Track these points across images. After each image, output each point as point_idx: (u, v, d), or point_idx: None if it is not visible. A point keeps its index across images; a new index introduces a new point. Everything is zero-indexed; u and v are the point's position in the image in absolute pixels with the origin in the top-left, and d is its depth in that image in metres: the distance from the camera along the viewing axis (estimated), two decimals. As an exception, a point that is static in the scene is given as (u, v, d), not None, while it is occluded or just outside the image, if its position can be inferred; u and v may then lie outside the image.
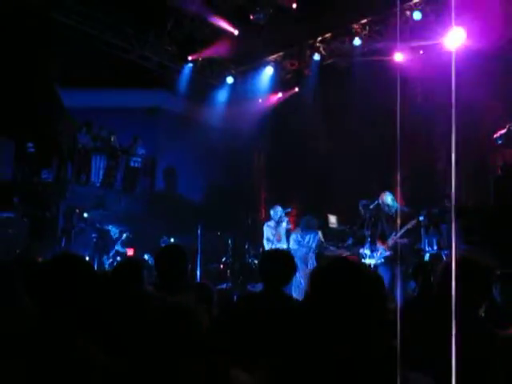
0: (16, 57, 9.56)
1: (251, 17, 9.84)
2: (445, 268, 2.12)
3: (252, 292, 7.31)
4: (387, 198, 6.96)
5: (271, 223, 8.72)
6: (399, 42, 10.02)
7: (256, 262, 9.32)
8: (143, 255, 9.51)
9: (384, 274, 6.42)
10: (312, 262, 8.26)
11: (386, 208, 6.82)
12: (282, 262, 3.38)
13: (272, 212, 8.82)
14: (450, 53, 9.09)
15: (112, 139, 12.01)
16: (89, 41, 10.33)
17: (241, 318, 2.96)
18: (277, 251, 4.17)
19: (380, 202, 6.99)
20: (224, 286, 9.33)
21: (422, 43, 9.86)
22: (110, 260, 9.83)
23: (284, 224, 8.62)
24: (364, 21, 10.30)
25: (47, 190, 10.60)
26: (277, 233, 8.60)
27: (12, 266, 2.57)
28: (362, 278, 1.43)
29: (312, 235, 8.47)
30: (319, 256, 8.37)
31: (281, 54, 11.75)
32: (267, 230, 8.72)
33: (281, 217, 8.65)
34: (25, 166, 10.69)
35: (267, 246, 8.59)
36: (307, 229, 8.57)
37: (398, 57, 10.18)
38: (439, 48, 9.48)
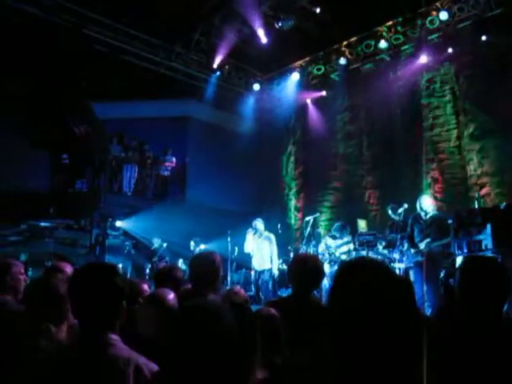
0: (50, 72, 9.88)
1: (276, 25, 9.91)
2: (462, 271, 2.12)
3: (281, 296, 7.33)
4: (425, 202, 6.76)
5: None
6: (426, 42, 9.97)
7: (285, 267, 9.35)
8: (176, 262, 9.68)
9: (416, 277, 6.34)
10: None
11: (422, 212, 6.66)
12: (311, 266, 3.41)
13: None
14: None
15: (144, 148, 12.30)
16: (118, 53, 10.61)
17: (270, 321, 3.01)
18: (306, 256, 4.20)
19: (417, 205, 6.83)
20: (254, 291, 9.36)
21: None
22: (146, 269, 10.03)
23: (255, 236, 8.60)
24: (389, 23, 10.26)
25: (81, 199, 10.88)
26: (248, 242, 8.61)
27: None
28: (384, 277, 1.42)
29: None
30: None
31: (307, 59, 11.79)
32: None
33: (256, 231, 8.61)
34: (60, 176, 11.01)
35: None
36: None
37: (425, 58, 10.10)
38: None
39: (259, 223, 8.65)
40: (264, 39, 10.53)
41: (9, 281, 3.30)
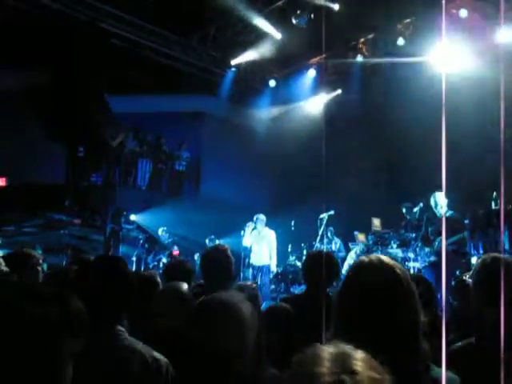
0: (67, 65, 9.96)
1: (293, 20, 9.86)
2: (481, 270, 2.08)
3: (294, 294, 7.33)
4: (440, 198, 6.72)
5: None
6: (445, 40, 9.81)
7: (299, 264, 9.34)
8: (192, 257, 9.70)
9: (428, 278, 6.28)
10: None
11: (437, 208, 6.60)
12: (326, 263, 3.40)
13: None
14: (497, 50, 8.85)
15: (161, 142, 12.36)
16: (134, 48, 10.65)
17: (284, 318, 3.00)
18: (320, 253, 4.19)
19: (431, 201, 6.78)
20: (267, 287, 9.36)
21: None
22: (155, 263, 10.07)
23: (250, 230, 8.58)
24: (407, 20, 10.13)
25: (97, 192, 10.97)
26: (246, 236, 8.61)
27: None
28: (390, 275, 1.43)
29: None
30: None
31: (323, 56, 11.71)
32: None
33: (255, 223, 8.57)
34: (76, 169, 11.11)
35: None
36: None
37: (443, 56, 9.95)
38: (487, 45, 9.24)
39: (259, 219, 8.60)
40: (279, 35, 10.50)
41: (28, 272, 3.36)
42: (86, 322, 1.06)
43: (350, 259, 8.96)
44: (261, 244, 8.52)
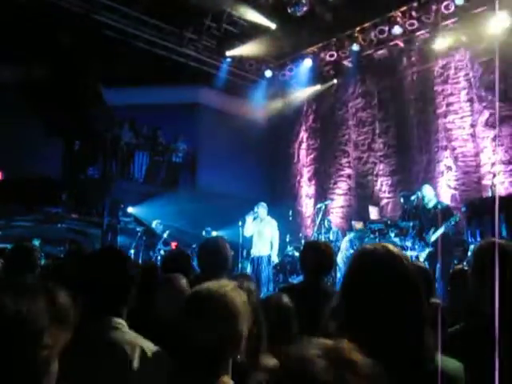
0: (62, 58, 9.89)
1: (288, 9, 9.80)
2: (478, 254, 2.09)
3: (292, 283, 7.35)
4: (428, 191, 6.81)
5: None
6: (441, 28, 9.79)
7: (297, 254, 9.36)
8: (187, 248, 9.70)
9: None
10: None
11: (426, 201, 6.69)
12: (322, 253, 3.41)
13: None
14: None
15: (157, 134, 12.32)
16: (128, 39, 10.58)
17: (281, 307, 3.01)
18: (317, 243, 4.20)
19: (420, 194, 6.85)
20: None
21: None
22: (156, 255, 10.08)
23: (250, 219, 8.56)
24: (403, 8, 10.07)
25: (93, 186, 10.95)
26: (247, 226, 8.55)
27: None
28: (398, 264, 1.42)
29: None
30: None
31: (319, 45, 11.65)
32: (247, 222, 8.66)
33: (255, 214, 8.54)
34: (72, 163, 11.08)
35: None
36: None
37: (440, 44, 9.94)
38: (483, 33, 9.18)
39: (261, 208, 8.51)
40: (274, 25, 10.44)
41: (27, 265, 3.38)
42: (73, 315, 1.05)
43: (344, 244, 8.96)
44: (263, 232, 8.42)
